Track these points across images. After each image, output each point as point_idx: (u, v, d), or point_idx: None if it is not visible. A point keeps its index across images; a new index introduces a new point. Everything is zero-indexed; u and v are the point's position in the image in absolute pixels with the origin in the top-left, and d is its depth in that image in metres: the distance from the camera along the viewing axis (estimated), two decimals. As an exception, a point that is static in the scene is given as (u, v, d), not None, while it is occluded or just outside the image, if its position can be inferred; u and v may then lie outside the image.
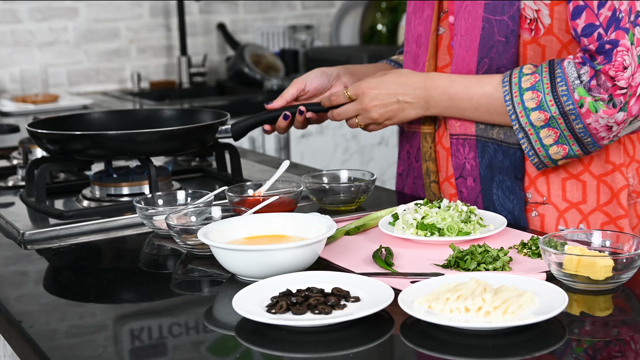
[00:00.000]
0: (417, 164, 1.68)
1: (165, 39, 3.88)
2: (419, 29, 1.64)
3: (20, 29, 3.59)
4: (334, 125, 3.49)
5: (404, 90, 1.54)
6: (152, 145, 1.63)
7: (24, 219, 1.58)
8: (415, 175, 1.70)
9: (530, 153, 1.46)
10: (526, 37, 1.48)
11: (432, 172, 1.65)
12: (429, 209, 1.41)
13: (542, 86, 1.42)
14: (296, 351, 1.01)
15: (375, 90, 1.55)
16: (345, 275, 1.18)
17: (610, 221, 1.51)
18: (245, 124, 1.71)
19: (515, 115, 1.44)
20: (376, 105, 1.55)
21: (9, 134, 2.53)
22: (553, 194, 1.51)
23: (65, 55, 3.68)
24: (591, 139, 1.42)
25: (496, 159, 1.53)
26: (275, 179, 1.58)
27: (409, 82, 1.54)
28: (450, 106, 1.52)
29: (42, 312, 1.17)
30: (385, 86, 1.55)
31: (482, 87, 1.48)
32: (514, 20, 1.47)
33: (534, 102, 1.42)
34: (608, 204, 1.50)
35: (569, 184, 1.51)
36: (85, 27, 3.70)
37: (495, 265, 1.24)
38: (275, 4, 4.06)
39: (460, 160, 1.58)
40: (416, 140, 1.68)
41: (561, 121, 1.41)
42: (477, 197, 1.57)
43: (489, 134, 1.53)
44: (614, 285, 1.16)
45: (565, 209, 1.51)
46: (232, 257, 1.21)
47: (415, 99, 1.54)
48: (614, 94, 1.37)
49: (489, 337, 1.01)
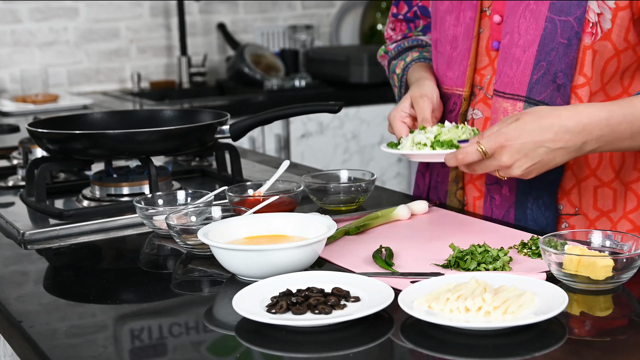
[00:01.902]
0: (444, 170, 1.62)
1: (165, 39, 3.88)
2: (457, 30, 1.56)
3: (20, 29, 3.59)
4: (334, 125, 3.49)
5: (552, 134, 1.30)
6: (152, 145, 1.63)
7: (24, 219, 1.58)
8: (439, 180, 1.64)
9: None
10: (587, 41, 1.41)
11: (460, 179, 1.59)
12: (438, 127, 1.39)
13: None
14: (296, 351, 1.01)
15: (516, 141, 1.30)
16: (345, 275, 1.18)
17: (635, 229, 1.48)
18: (244, 124, 1.71)
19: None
20: (517, 160, 1.30)
21: (9, 134, 2.53)
22: (584, 204, 1.48)
23: (65, 55, 3.68)
24: None
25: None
26: (275, 179, 1.58)
27: (558, 122, 1.31)
28: (610, 139, 1.33)
29: (42, 312, 1.17)
30: (528, 134, 1.30)
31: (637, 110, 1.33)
32: (579, 22, 1.40)
33: None
34: (634, 211, 1.48)
35: (600, 192, 1.47)
36: (85, 27, 3.70)
37: (495, 265, 1.24)
38: (275, 4, 4.06)
39: None
40: None
41: None
42: (509, 207, 1.51)
43: None
44: (614, 285, 1.15)
45: (596, 218, 1.48)
46: (232, 257, 1.21)
47: (569, 142, 1.30)
48: None
49: (489, 337, 1.01)
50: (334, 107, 1.75)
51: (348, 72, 3.58)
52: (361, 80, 3.56)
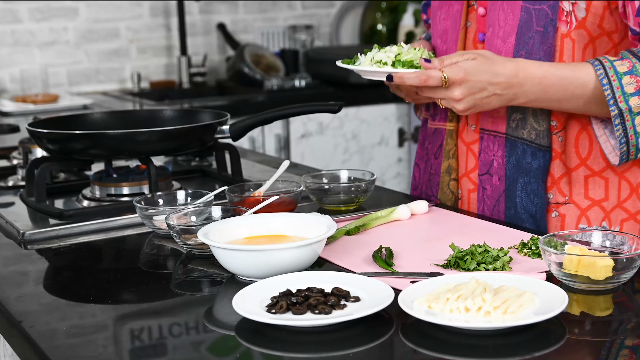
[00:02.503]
0: (436, 161, 1.65)
1: (165, 39, 3.88)
2: (446, 24, 1.61)
3: (20, 29, 3.59)
4: (334, 126, 3.49)
5: (496, 79, 1.40)
6: (152, 145, 1.63)
7: (24, 219, 1.58)
8: (431, 172, 1.67)
9: (622, 141, 1.40)
10: (563, 29, 1.45)
11: (453, 170, 1.62)
12: (398, 48, 1.46)
13: (638, 71, 1.39)
14: (296, 351, 1.01)
15: (472, 78, 1.39)
16: (345, 275, 1.18)
17: (629, 217, 1.50)
18: (244, 124, 1.71)
19: (614, 100, 1.39)
20: (466, 96, 1.40)
21: (9, 134, 2.54)
22: (575, 193, 1.51)
23: (65, 55, 3.68)
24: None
25: (524, 160, 1.51)
26: (275, 179, 1.58)
27: (502, 71, 1.40)
28: (540, 98, 1.43)
29: (42, 312, 1.17)
30: (481, 75, 1.39)
31: (578, 78, 1.41)
32: (553, 9, 1.45)
33: (632, 87, 1.38)
34: (627, 199, 1.50)
35: (592, 182, 1.50)
36: (85, 27, 3.70)
37: (495, 265, 1.24)
38: (275, 4, 4.06)
39: (489, 157, 1.56)
40: (437, 137, 1.65)
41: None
42: (500, 196, 1.55)
43: (519, 134, 1.51)
44: (614, 285, 1.15)
45: (588, 207, 1.50)
46: (232, 257, 1.21)
47: (505, 91, 1.41)
48: None
49: (489, 337, 1.01)
50: (334, 107, 1.75)
51: (348, 72, 3.56)
52: (361, 80, 3.55)
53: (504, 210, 1.54)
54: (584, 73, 1.42)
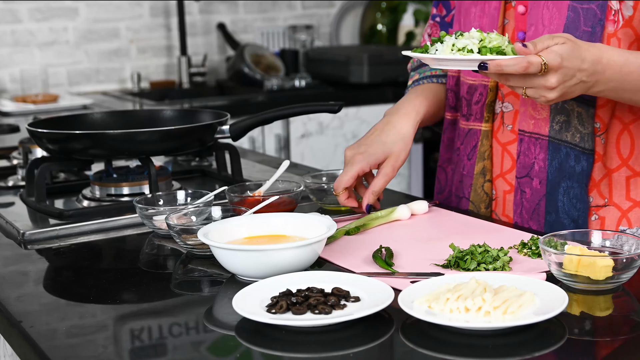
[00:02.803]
0: (470, 162, 1.60)
1: (165, 39, 3.88)
2: (482, 21, 1.55)
3: (20, 29, 3.59)
4: (334, 125, 3.49)
5: (583, 65, 1.29)
6: (152, 145, 1.63)
7: (24, 219, 1.58)
8: (464, 174, 1.62)
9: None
10: (610, 29, 1.41)
11: (487, 171, 1.57)
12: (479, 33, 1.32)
13: None
14: (296, 351, 1.01)
15: (567, 64, 1.28)
16: (345, 275, 1.18)
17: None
18: (244, 124, 1.71)
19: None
20: (560, 84, 1.29)
21: (9, 134, 2.54)
22: (616, 194, 1.47)
23: (65, 55, 3.68)
24: None
25: (567, 164, 1.46)
26: (275, 179, 1.58)
27: (588, 56, 1.30)
28: (617, 87, 1.34)
29: (42, 312, 1.17)
30: (571, 61, 1.28)
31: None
32: (602, 8, 1.41)
33: None
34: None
35: (634, 182, 1.47)
36: (85, 27, 3.70)
37: (495, 265, 1.24)
38: (275, 4, 4.06)
39: (529, 160, 1.51)
40: (472, 138, 1.60)
41: None
42: (540, 200, 1.50)
43: (563, 136, 1.46)
44: (614, 285, 1.15)
45: (629, 208, 1.47)
46: (232, 257, 1.21)
47: (589, 77, 1.31)
48: None
49: (489, 337, 1.01)
50: (334, 107, 1.75)
51: (348, 72, 3.58)
52: (361, 80, 3.56)
53: (544, 215, 1.50)
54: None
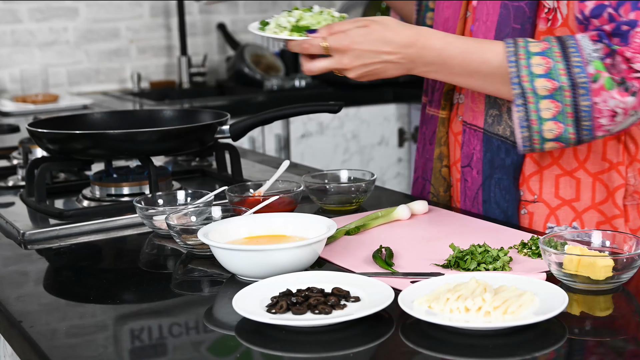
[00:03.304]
0: (431, 147, 1.66)
1: (165, 39, 3.88)
2: (447, 12, 1.61)
3: (20, 29, 3.59)
4: (334, 125, 3.49)
5: (391, 48, 1.38)
6: (152, 145, 1.63)
7: (24, 219, 1.58)
8: (427, 157, 1.68)
9: (524, 124, 1.35)
10: (542, 27, 1.43)
11: (444, 157, 1.63)
12: (303, 12, 1.43)
13: (552, 54, 1.32)
14: (296, 351, 1.01)
15: (359, 47, 1.38)
16: (345, 275, 1.18)
17: (605, 220, 1.48)
18: (244, 124, 1.71)
19: (519, 78, 1.33)
20: (357, 65, 1.40)
21: (9, 134, 2.54)
22: (545, 192, 1.49)
23: (65, 55, 3.68)
24: (590, 123, 1.33)
25: (498, 157, 1.51)
26: (275, 179, 1.58)
27: (398, 39, 1.39)
28: (442, 70, 1.40)
29: (42, 312, 1.17)
30: (370, 43, 1.38)
31: (483, 53, 1.38)
32: (531, 7, 1.43)
33: (542, 69, 1.32)
34: (603, 202, 1.47)
35: (563, 181, 1.48)
36: (85, 27, 3.70)
37: (495, 265, 1.24)
38: (275, 4, 4.06)
39: (469, 150, 1.57)
40: (432, 123, 1.66)
41: (568, 94, 1.31)
42: (478, 189, 1.56)
43: (494, 129, 1.50)
44: (614, 285, 1.15)
45: (557, 206, 1.49)
46: (232, 257, 1.21)
47: (403, 59, 1.39)
48: (627, 77, 1.29)
49: (489, 337, 1.01)
50: (334, 107, 1.75)
51: (348, 72, 3.57)
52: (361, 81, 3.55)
53: (482, 203, 1.55)
54: (491, 49, 1.37)
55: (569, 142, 1.36)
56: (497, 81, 1.38)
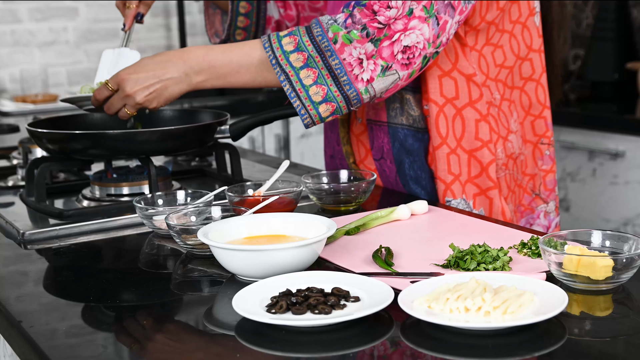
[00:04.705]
0: (339, 147, 1.84)
1: (165, 39, 3.88)
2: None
3: (20, 29, 3.59)
4: (334, 125, 3.49)
5: (163, 68, 1.56)
6: (152, 145, 1.63)
7: (24, 219, 1.58)
8: (340, 157, 1.85)
9: (293, 96, 1.51)
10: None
11: (350, 155, 1.81)
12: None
13: (298, 32, 1.51)
14: (296, 351, 1.01)
15: (134, 75, 1.56)
16: (345, 275, 1.18)
17: (481, 192, 1.65)
18: (244, 124, 1.71)
19: (276, 59, 1.51)
20: (138, 89, 1.56)
21: (9, 134, 2.54)
22: (440, 169, 1.64)
23: (65, 55, 3.68)
24: (347, 77, 1.49)
25: (407, 143, 1.68)
26: (275, 179, 1.58)
27: (166, 58, 1.57)
28: (212, 74, 1.56)
29: (42, 312, 1.17)
30: (144, 68, 1.56)
31: (242, 48, 1.56)
32: None
33: (291, 46, 1.51)
34: (479, 176, 1.64)
35: (452, 158, 1.63)
36: (85, 27, 3.70)
37: (495, 265, 1.24)
38: (275, 4, 4.06)
39: (379, 144, 1.73)
40: (335, 126, 1.86)
41: (318, 59, 1.49)
42: (395, 176, 1.73)
43: (398, 120, 1.68)
44: (614, 285, 1.16)
45: (452, 182, 1.64)
46: (232, 257, 1.21)
47: (177, 74, 1.56)
48: (369, 24, 1.47)
49: (489, 337, 1.01)
50: (333, 107, 1.75)
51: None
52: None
53: (402, 187, 1.73)
54: (248, 44, 1.55)
55: (337, 101, 1.52)
56: (264, 69, 1.54)
